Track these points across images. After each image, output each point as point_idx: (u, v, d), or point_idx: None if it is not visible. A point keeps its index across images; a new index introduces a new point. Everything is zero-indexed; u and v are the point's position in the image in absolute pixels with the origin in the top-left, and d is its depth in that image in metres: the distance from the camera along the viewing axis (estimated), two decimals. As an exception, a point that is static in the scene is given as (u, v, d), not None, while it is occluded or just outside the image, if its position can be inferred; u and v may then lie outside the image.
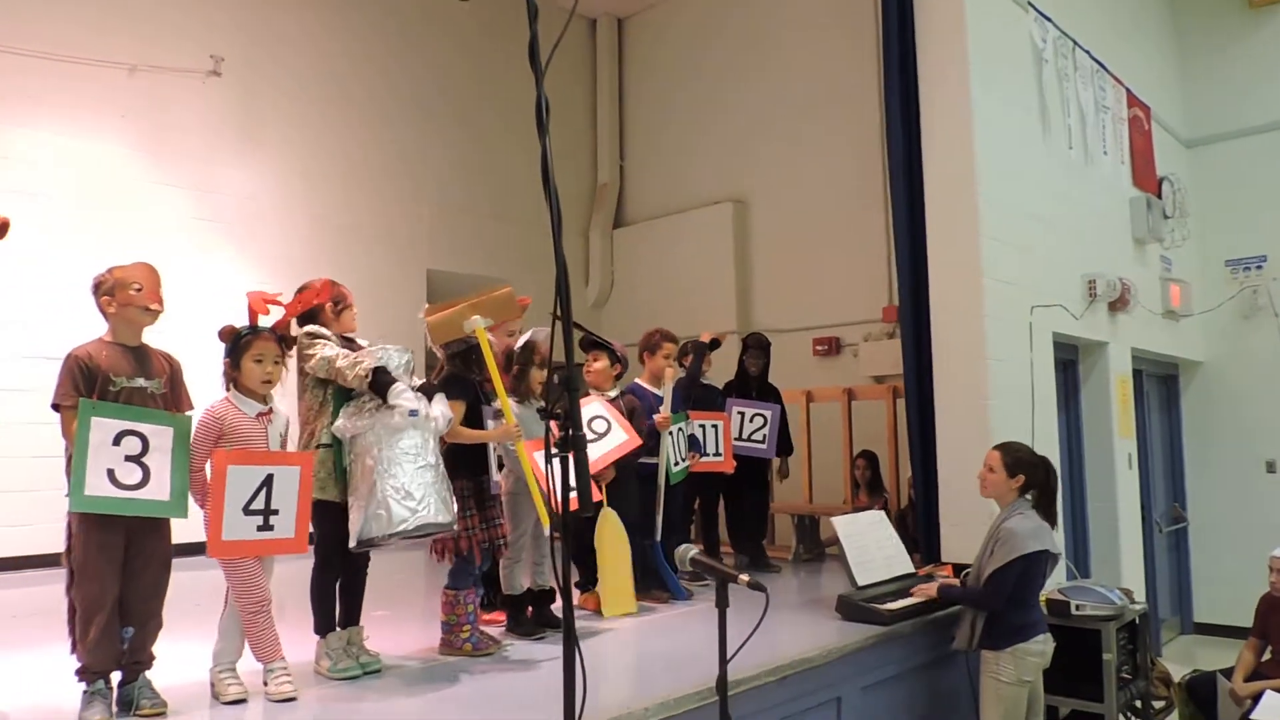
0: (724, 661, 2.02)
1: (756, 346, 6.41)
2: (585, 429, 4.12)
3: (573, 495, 4.07)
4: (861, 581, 4.43)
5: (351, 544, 3.41)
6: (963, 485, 5.02)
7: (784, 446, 6.32)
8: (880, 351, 7.91)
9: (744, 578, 2.13)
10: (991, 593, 3.91)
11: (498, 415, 3.87)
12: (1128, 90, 7.17)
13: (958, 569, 4.87)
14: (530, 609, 4.26)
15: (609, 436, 4.56)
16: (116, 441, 3.00)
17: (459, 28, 9.31)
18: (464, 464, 3.88)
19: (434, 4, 9.03)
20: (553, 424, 1.81)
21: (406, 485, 3.33)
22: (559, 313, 1.74)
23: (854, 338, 8.27)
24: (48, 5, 6.80)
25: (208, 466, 3.22)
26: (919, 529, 5.41)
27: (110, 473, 2.96)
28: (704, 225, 9.40)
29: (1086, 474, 6.46)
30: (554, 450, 1.78)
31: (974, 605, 4.01)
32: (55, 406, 3.04)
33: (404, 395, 3.40)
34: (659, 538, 4.98)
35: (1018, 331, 5.45)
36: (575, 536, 4.10)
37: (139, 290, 3.16)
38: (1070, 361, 6.52)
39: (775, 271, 8.99)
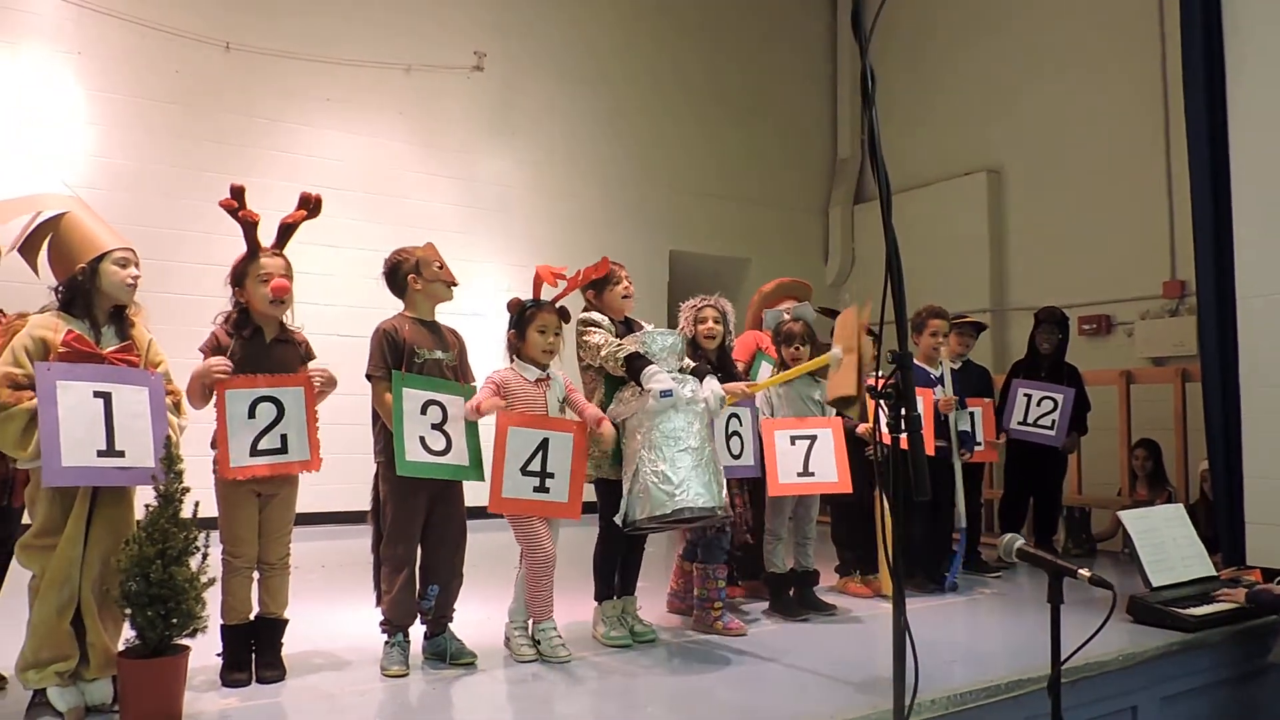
0: (1057, 662, 1.88)
1: (1049, 321, 5.84)
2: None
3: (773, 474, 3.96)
4: (1157, 583, 4.06)
5: (618, 521, 3.48)
6: (1273, 481, 4.48)
7: (1076, 423, 5.79)
8: (1161, 330, 7.21)
9: (1084, 573, 1.98)
10: None
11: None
12: None
13: (1267, 574, 4.36)
14: (792, 590, 4.23)
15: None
16: (423, 411, 3.25)
17: (697, 19, 9.41)
18: None
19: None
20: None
21: (666, 470, 3.32)
22: (890, 291, 1.68)
23: (1128, 315, 7.57)
24: (341, 17, 7.52)
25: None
26: (1220, 528, 4.86)
27: (422, 440, 3.22)
28: (954, 197, 8.94)
29: None
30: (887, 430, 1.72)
31: (1293, 615, 3.57)
32: (369, 377, 3.31)
33: (656, 377, 3.40)
34: (963, 525, 4.79)
35: (1345, 308, 4.75)
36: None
37: (440, 268, 3.41)
38: (1407, 343, 5.61)
39: (1034, 245, 8.39)
